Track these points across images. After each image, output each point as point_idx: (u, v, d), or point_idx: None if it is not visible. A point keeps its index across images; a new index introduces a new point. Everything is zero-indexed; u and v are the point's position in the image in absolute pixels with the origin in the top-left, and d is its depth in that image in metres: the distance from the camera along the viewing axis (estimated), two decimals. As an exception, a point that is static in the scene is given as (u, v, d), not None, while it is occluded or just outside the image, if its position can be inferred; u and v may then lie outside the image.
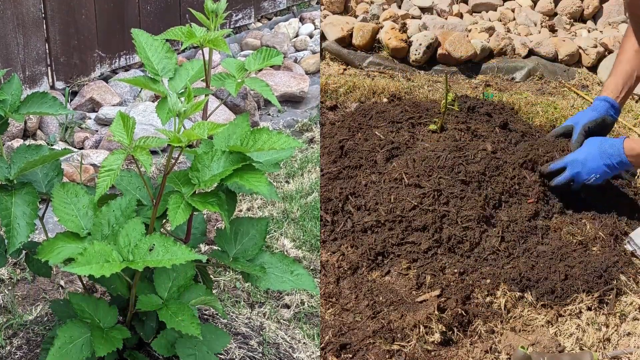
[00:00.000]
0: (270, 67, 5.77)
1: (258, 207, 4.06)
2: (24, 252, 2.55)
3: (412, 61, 4.71)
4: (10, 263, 3.34)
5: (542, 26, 5.53)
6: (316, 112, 5.11)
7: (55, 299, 2.79)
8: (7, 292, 3.17)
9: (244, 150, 2.21)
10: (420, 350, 2.56)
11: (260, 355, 2.91)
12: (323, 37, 4.72)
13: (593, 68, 5.04)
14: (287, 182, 4.41)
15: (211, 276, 3.06)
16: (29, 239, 2.31)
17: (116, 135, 2.15)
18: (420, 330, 2.61)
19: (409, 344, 2.57)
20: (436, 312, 2.66)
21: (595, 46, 5.03)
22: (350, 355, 2.52)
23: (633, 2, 3.53)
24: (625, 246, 3.07)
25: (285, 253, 3.61)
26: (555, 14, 5.83)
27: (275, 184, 4.36)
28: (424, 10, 5.46)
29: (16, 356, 2.72)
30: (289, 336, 3.13)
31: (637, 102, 4.37)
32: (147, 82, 2.38)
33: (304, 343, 3.11)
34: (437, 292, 2.77)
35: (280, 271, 2.50)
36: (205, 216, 3.26)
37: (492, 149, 3.44)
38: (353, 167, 3.37)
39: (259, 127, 2.28)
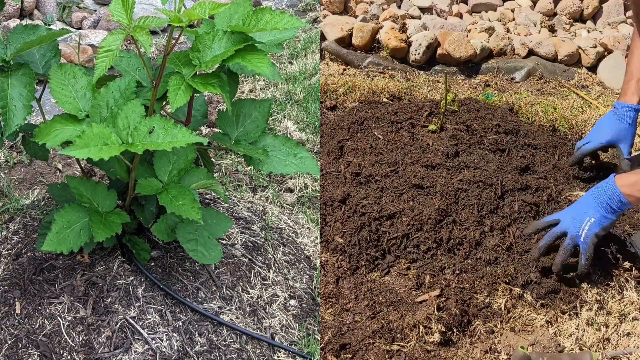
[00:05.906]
0: (273, -56, 5.68)
1: (260, 89, 4.01)
2: (20, 134, 2.52)
3: (411, 61, 4.72)
4: (7, 146, 3.31)
5: (541, 26, 5.59)
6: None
7: (53, 183, 2.76)
8: (3, 176, 3.15)
9: (246, 30, 2.16)
10: (420, 351, 2.57)
11: (263, 240, 2.89)
12: (323, 37, 4.67)
13: (593, 68, 5.12)
14: (290, 62, 4.36)
15: (212, 159, 3.03)
16: (26, 121, 2.28)
17: (115, 14, 2.09)
18: (420, 330, 2.63)
19: (409, 344, 2.59)
20: (436, 312, 2.67)
21: (595, 46, 5.07)
22: (350, 356, 2.53)
23: None
24: (627, 248, 3.06)
25: (289, 135, 3.57)
26: (555, 14, 5.90)
27: (278, 64, 4.31)
28: (423, 10, 5.47)
29: (12, 241, 2.70)
30: (292, 221, 3.11)
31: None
32: (145, -42, 2.31)
33: (308, 228, 3.10)
34: (436, 292, 2.76)
35: (283, 154, 2.47)
36: (206, 98, 3.21)
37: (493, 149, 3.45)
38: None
39: (261, 7, 2.22)
